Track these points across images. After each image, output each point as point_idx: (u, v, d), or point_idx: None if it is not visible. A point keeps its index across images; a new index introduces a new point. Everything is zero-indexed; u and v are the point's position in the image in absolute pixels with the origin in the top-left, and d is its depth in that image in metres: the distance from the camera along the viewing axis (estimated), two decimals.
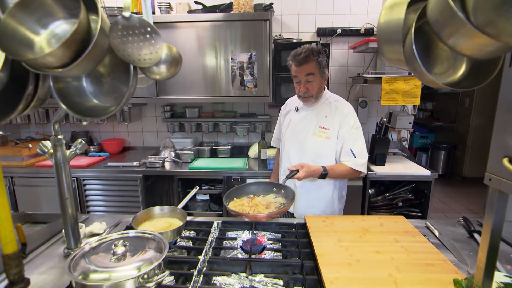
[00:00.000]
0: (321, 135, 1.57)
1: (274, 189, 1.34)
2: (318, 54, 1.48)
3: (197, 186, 1.58)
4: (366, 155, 1.57)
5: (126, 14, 0.77)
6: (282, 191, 1.31)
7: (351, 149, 1.54)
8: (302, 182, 1.58)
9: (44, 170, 2.48)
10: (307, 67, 1.48)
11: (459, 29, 0.53)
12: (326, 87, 1.63)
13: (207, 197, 2.72)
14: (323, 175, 1.48)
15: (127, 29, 0.78)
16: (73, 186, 2.42)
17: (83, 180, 2.44)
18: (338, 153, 1.58)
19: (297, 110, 1.69)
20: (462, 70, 0.72)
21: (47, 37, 0.75)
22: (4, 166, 2.51)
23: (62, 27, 0.76)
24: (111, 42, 0.79)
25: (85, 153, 2.86)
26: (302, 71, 1.50)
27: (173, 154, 2.70)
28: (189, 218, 1.37)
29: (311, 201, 1.62)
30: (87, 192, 2.48)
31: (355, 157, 1.53)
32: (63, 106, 0.84)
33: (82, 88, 0.91)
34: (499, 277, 0.89)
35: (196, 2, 2.55)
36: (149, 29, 0.80)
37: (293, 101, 1.76)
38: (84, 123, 0.93)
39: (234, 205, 1.24)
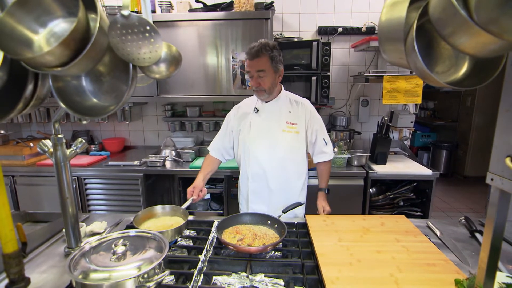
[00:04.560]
0: (290, 131, 1.62)
1: (269, 222, 1.28)
2: (271, 49, 1.49)
3: None
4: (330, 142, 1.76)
5: (125, 12, 0.76)
6: (276, 225, 1.26)
7: (323, 139, 1.68)
8: (276, 184, 1.64)
9: (46, 169, 2.48)
10: (258, 62, 1.49)
11: (462, 27, 0.52)
12: (282, 86, 1.66)
13: (208, 196, 2.72)
14: (328, 191, 1.71)
15: (126, 27, 0.78)
16: (74, 185, 2.41)
17: (84, 179, 2.45)
18: (311, 145, 1.68)
19: (256, 111, 1.65)
20: (464, 68, 0.71)
21: (46, 36, 0.75)
22: (6, 165, 2.51)
23: (61, 25, 0.75)
24: (110, 40, 0.78)
25: (86, 152, 2.87)
26: (253, 65, 1.50)
27: (174, 153, 2.70)
28: (189, 217, 1.37)
29: (286, 198, 1.63)
30: (88, 191, 2.48)
31: (326, 144, 1.68)
32: (62, 105, 0.84)
33: (82, 87, 0.91)
34: (501, 277, 0.89)
35: (197, 1, 2.55)
36: (148, 27, 0.80)
37: (246, 105, 1.73)
38: (84, 122, 0.92)
39: (228, 235, 1.19)
